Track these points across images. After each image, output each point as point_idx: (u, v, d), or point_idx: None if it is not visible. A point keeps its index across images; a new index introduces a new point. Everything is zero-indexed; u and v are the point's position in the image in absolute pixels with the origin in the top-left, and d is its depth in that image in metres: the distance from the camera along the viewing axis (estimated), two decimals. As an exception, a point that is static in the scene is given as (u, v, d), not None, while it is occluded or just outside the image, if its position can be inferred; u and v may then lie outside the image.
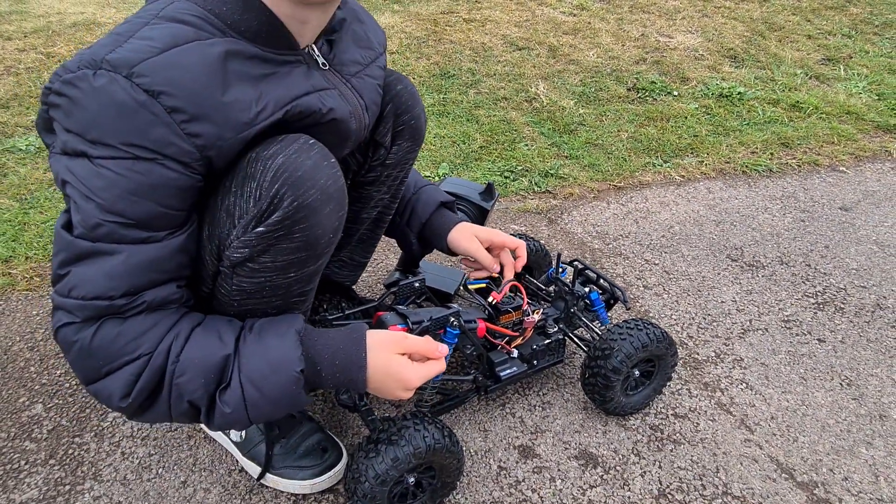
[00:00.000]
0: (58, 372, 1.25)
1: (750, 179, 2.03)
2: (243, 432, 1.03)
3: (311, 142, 0.76)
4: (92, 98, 0.65)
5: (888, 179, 2.05)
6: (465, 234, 1.12)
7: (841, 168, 2.11)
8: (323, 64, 0.83)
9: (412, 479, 0.94)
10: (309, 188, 0.73)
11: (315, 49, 0.82)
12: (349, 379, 0.79)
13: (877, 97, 2.56)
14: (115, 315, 0.70)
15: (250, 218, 0.74)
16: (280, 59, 0.76)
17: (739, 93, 2.52)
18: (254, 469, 1.01)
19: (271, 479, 1.01)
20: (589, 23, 3.06)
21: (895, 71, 2.77)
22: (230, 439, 1.05)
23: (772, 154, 2.16)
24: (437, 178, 1.93)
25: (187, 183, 0.71)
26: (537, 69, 2.63)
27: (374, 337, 0.81)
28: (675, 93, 2.51)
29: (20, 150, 1.95)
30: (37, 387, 1.21)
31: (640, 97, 2.48)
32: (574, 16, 3.14)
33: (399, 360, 0.81)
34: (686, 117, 2.35)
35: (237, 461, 1.06)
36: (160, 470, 1.06)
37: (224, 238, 0.76)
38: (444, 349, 0.86)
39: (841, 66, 2.79)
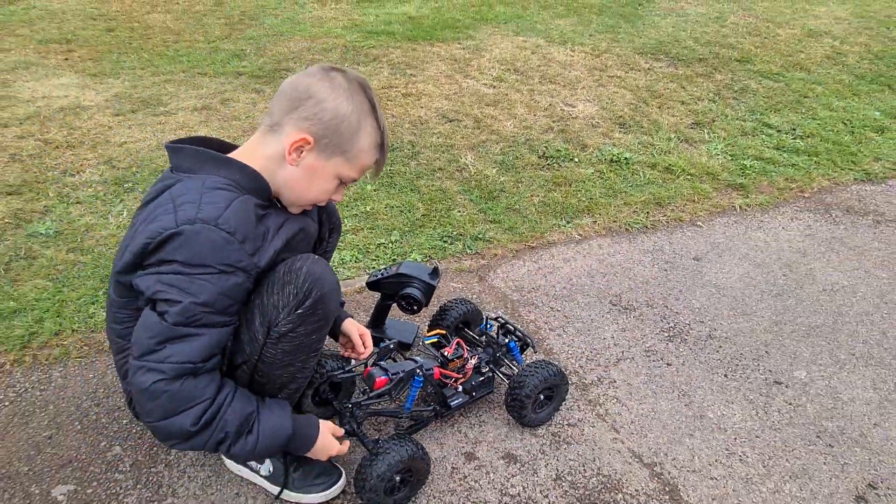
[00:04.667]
0: (124, 421, 1.69)
1: (630, 235, 2.66)
2: (271, 467, 1.51)
3: (317, 258, 1.29)
4: (195, 239, 1.14)
5: (731, 231, 2.72)
6: (349, 326, 1.65)
7: (698, 223, 2.77)
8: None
9: (398, 478, 1.45)
10: (324, 284, 1.27)
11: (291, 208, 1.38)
12: (307, 444, 1.38)
13: (730, 157, 3.26)
14: (192, 374, 1.19)
15: (292, 306, 1.25)
16: (267, 206, 1.29)
17: (626, 158, 3.16)
18: (274, 489, 1.50)
19: (293, 496, 1.50)
20: (506, 94, 3.66)
21: (746, 133, 3.50)
22: (260, 474, 1.53)
23: (648, 213, 2.79)
24: (391, 244, 2.45)
25: (247, 285, 1.22)
26: (465, 140, 3.20)
27: (322, 426, 1.41)
28: (576, 159, 3.13)
29: (41, 234, 2.33)
30: (111, 433, 1.65)
31: (548, 164, 3.08)
32: (494, 87, 3.74)
33: (331, 439, 1.42)
34: (584, 181, 2.96)
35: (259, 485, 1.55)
36: (219, 486, 1.53)
37: (273, 319, 1.26)
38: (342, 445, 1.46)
39: (706, 130, 3.50)
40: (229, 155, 1.29)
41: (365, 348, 1.64)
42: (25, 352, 1.89)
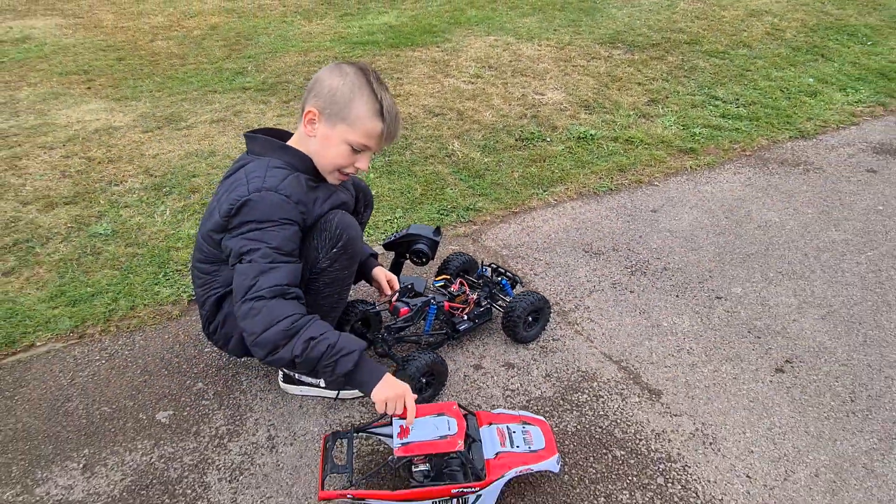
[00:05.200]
0: (202, 365, 2.13)
1: (598, 197, 3.12)
2: (321, 383, 1.96)
3: (344, 212, 1.74)
4: (262, 202, 1.59)
5: (683, 188, 3.20)
6: (378, 273, 2.10)
7: (655, 183, 3.25)
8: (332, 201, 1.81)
9: (424, 380, 1.91)
10: (351, 230, 1.72)
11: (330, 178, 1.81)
12: (374, 375, 1.60)
13: (682, 127, 3.75)
14: (282, 295, 1.62)
15: (328, 247, 1.70)
16: (317, 182, 1.74)
17: (591, 134, 3.64)
18: (332, 394, 1.95)
19: (349, 394, 1.95)
20: (484, 88, 4.13)
21: (696, 106, 3.99)
22: (319, 387, 1.97)
23: (612, 178, 3.27)
24: (395, 220, 2.90)
25: (299, 234, 1.66)
26: (451, 130, 3.66)
27: (387, 374, 1.62)
28: (548, 139, 3.61)
29: (101, 233, 2.77)
30: (193, 374, 2.09)
31: (524, 145, 3.55)
32: (472, 83, 4.21)
33: (395, 383, 1.61)
34: (556, 157, 3.43)
35: (317, 396, 1.99)
36: (285, 402, 1.98)
37: (314, 260, 1.71)
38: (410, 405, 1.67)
39: (660, 106, 3.98)
40: (287, 143, 1.75)
41: (392, 289, 2.10)
42: (108, 324, 2.32)
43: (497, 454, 1.58)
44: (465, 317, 2.14)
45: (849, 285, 2.46)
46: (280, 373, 2.01)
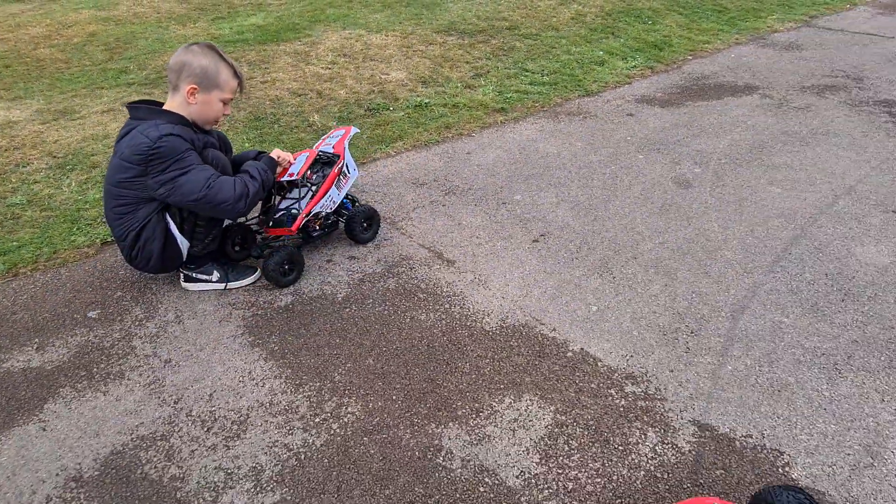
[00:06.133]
0: (118, 282, 2.82)
1: (428, 147, 4.03)
2: (216, 274, 2.73)
3: (215, 150, 2.55)
4: (167, 145, 2.35)
5: (493, 136, 4.16)
6: (275, 153, 2.90)
7: (472, 134, 4.20)
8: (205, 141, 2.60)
9: (287, 266, 2.72)
10: (221, 158, 2.55)
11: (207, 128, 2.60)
12: (273, 164, 2.68)
13: (498, 93, 4.74)
14: (220, 177, 2.40)
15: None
16: (197, 133, 2.53)
17: (426, 103, 4.55)
18: (222, 285, 2.73)
19: (235, 284, 2.73)
20: (339, 72, 4.96)
21: (510, 77, 5.00)
22: (211, 280, 2.74)
23: (440, 133, 4.19)
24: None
25: (199, 156, 2.45)
26: (312, 106, 4.46)
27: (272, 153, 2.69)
28: (391, 108, 4.48)
29: (17, 203, 3.34)
30: (114, 286, 2.78)
31: (372, 114, 4.41)
32: (329, 69, 5.03)
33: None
34: (397, 121, 4.31)
35: (210, 289, 2.75)
36: (187, 295, 2.72)
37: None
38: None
39: (482, 78, 4.97)
40: (163, 108, 2.50)
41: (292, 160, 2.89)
42: (37, 265, 2.96)
43: (333, 145, 2.97)
44: (318, 227, 2.97)
45: (594, 188, 3.50)
46: (181, 274, 2.76)
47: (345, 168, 2.98)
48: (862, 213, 3.17)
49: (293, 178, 2.76)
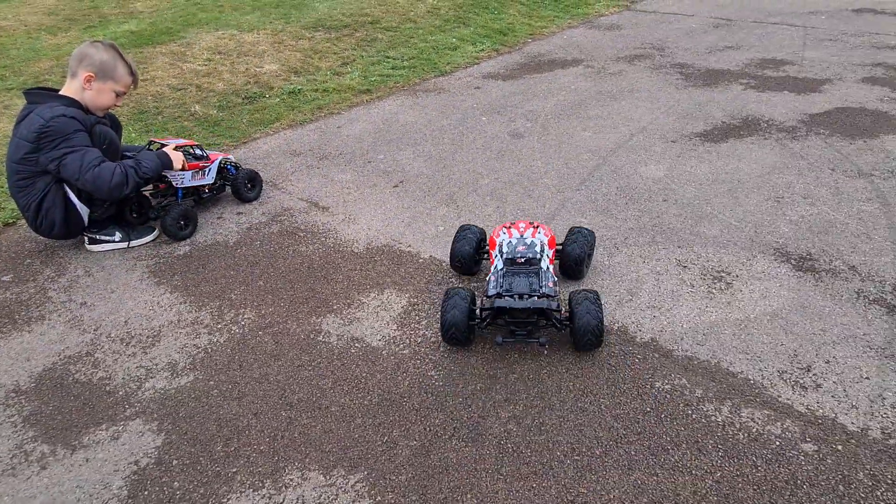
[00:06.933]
0: (27, 252, 3.17)
1: (303, 126, 4.55)
2: (119, 235, 3.14)
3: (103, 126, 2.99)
4: (58, 123, 2.76)
5: (360, 113, 4.75)
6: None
7: (342, 113, 4.77)
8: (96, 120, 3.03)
9: (182, 222, 3.18)
10: (110, 133, 2.98)
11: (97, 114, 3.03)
12: (166, 159, 3.08)
13: (363, 78, 5.34)
14: (101, 162, 2.81)
15: (98, 144, 2.91)
16: (89, 114, 2.96)
17: (299, 89, 5.07)
18: (124, 244, 3.15)
19: (137, 242, 3.16)
20: (216, 68, 5.38)
21: (374, 64, 5.62)
22: (114, 240, 3.15)
23: (313, 113, 4.72)
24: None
25: (88, 137, 2.87)
26: (192, 98, 4.86)
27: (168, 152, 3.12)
28: (267, 96, 4.97)
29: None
30: (28, 250, 3.13)
31: (249, 102, 4.88)
32: (206, 65, 5.43)
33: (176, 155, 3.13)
34: (273, 107, 4.81)
35: (114, 248, 3.16)
36: (93, 254, 3.12)
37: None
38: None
39: (349, 66, 5.56)
40: (59, 93, 2.90)
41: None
42: (-58, 248, 3.24)
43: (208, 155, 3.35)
44: (207, 190, 3.44)
45: (444, 144, 4.17)
46: (85, 238, 3.15)
47: (208, 168, 3.41)
48: (649, 144, 4.04)
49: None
